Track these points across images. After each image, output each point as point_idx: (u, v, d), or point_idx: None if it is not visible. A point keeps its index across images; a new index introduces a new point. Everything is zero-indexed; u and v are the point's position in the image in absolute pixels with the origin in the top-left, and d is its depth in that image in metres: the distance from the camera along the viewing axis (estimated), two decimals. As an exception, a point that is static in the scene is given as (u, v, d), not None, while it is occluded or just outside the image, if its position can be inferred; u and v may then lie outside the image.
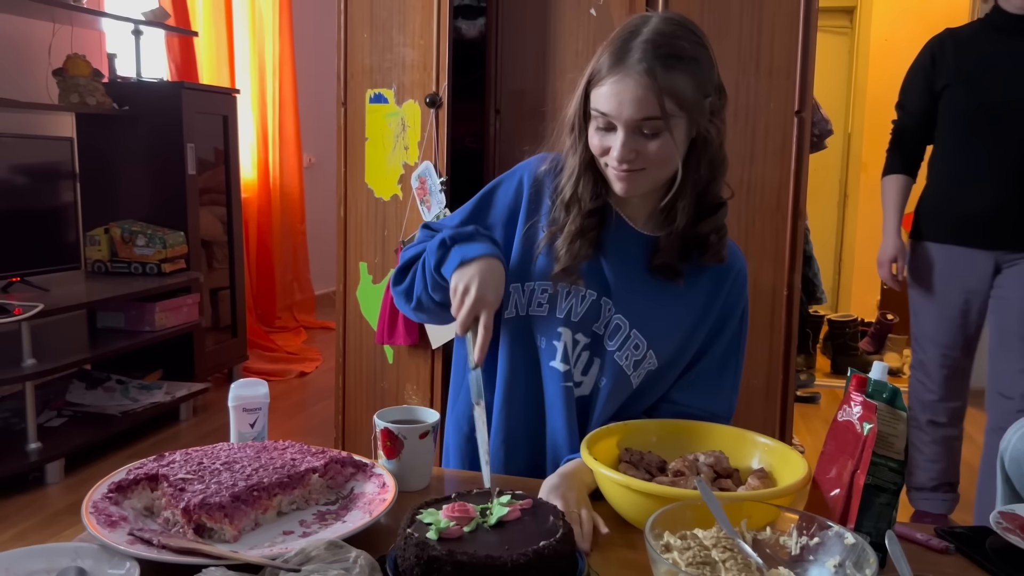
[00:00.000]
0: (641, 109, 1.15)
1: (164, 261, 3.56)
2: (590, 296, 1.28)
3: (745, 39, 2.42)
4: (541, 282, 1.30)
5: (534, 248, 1.31)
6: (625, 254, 1.29)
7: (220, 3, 4.51)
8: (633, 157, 1.18)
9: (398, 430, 1.19)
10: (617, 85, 1.16)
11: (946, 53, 2.50)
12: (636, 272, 1.29)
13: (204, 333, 3.86)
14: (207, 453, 1.15)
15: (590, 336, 1.29)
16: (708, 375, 1.33)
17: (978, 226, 2.47)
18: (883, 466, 1.01)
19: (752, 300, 2.56)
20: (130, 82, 3.75)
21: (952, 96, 2.47)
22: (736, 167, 2.48)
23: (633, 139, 1.17)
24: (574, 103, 1.24)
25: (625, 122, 1.16)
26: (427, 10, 2.51)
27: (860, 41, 5.51)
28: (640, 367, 1.28)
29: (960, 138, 2.49)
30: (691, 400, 1.32)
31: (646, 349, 1.27)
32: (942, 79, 2.48)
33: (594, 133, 1.21)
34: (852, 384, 1.07)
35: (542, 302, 1.30)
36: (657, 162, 1.19)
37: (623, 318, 1.28)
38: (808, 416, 3.89)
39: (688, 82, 1.17)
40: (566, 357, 1.29)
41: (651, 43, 1.16)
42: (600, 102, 1.18)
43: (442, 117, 2.52)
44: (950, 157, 2.52)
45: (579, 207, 1.26)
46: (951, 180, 2.52)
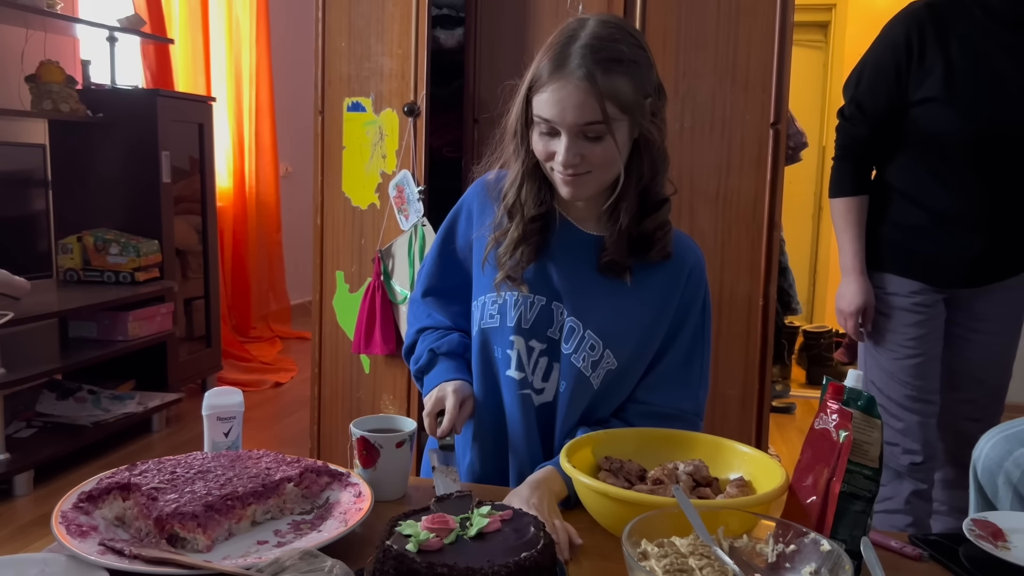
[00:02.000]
0: (583, 114, 1.16)
1: (137, 270, 3.52)
2: (539, 302, 1.29)
3: (722, 52, 2.44)
4: (490, 294, 1.32)
5: (481, 261, 1.33)
6: (573, 257, 1.30)
7: (196, 10, 4.48)
8: (578, 161, 1.19)
9: (374, 439, 1.18)
10: (558, 92, 1.16)
11: (928, 46, 1.88)
12: (585, 273, 1.29)
13: (178, 343, 3.81)
14: (180, 462, 1.13)
15: (546, 342, 1.30)
16: (673, 372, 1.32)
17: (951, 269, 2.01)
18: (858, 474, 1.01)
19: (728, 310, 2.61)
20: (104, 89, 3.72)
21: (935, 113, 1.88)
22: (712, 178, 2.49)
23: (577, 143, 1.18)
24: (515, 110, 1.24)
25: (568, 127, 1.17)
26: (405, 20, 2.52)
27: (834, 55, 5.58)
28: (599, 368, 1.28)
29: (918, 159, 1.97)
30: (657, 398, 1.31)
31: (602, 349, 1.27)
32: (923, 89, 1.88)
33: (538, 139, 1.22)
34: (828, 392, 1.08)
35: (493, 313, 1.31)
36: (601, 165, 1.20)
37: (576, 320, 1.28)
38: (784, 426, 3.92)
39: (628, 84, 1.18)
40: (520, 365, 1.30)
41: (590, 48, 1.16)
42: (542, 108, 1.18)
43: (420, 126, 2.52)
44: (920, 184, 1.98)
45: (522, 213, 1.28)
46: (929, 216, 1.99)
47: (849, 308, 2.08)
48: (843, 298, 2.09)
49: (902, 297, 2.05)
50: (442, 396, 1.30)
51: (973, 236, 1.97)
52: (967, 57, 1.85)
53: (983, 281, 2.04)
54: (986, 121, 1.85)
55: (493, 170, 1.35)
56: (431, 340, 1.40)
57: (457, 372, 1.36)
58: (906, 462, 2.06)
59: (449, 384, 1.32)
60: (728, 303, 2.58)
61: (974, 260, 2.00)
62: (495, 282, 1.30)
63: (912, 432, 2.05)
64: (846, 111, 2.06)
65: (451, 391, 1.30)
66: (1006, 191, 1.94)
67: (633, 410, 1.32)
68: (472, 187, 1.40)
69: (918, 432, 2.06)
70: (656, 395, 1.31)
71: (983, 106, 1.85)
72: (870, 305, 2.07)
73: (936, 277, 2.03)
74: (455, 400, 1.29)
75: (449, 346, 1.39)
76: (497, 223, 1.31)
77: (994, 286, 2.04)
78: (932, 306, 2.05)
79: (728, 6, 2.43)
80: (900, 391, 2.06)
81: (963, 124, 1.86)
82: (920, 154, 1.97)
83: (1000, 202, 1.95)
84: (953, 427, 2.13)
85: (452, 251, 1.40)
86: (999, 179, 1.92)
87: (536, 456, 1.29)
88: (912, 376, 2.05)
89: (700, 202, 2.50)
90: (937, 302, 2.05)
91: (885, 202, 2.06)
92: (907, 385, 2.06)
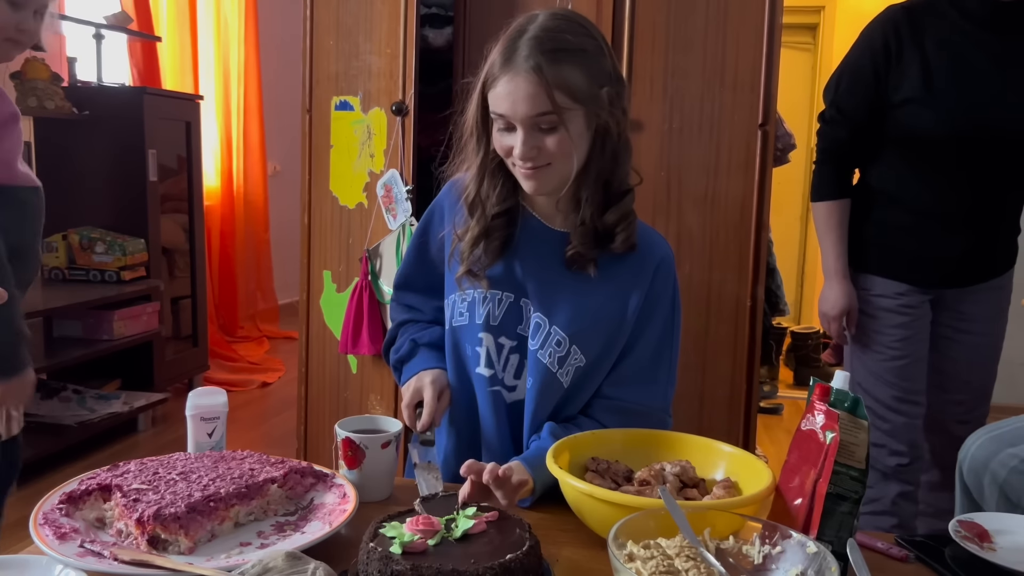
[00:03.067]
0: (534, 105, 1.16)
1: (123, 269, 3.50)
2: (507, 299, 1.30)
3: (710, 53, 2.44)
4: (458, 292, 1.32)
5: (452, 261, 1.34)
6: (539, 253, 1.30)
7: (184, 8, 4.46)
8: (535, 154, 1.19)
9: (359, 439, 1.17)
10: (508, 85, 1.17)
11: (904, 47, 1.88)
12: (551, 269, 1.29)
13: (164, 342, 3.79)
14: (163, 463, 1.12)
15: (515, 339, 1.30)
16: (641, 368, 1.31)
17: (936, 269, 2.01)
18: (844, 475, 1.01)
19: (715, 312, 2.61)
20: (91, 87, 3.69)
21: (915, 114, 1.89)
22: (700, 179, 2.49)
23: (532, 136, 1.18)
24: (471, 107, 1.25)
25: (521, 120, 1.17)
26: (394, 18, 2.50)
27: (823, 57, 5.60)
28: (566, 364, 1.27)
29: (901, 160, 1.97)
30: (624, 394, 1.30)
31: (569, 345, 1.27)
32: (904, 90, 1.89)
33: (497, 135, 1.22)
34: (815, 393, 1.08)
35: (462, 311, 1.32)
36: (559, 156, 1.20)
37: (541, 316, 1.28)
38: (771, 427, 3.93)
39: (578, 74, 1.18)
40: (490, 362, 1.31)
41: (536, 39, 1.17)
42: (496, 104, 1.19)
43: (408, 125, 2.51)
44: (901, 183, 1.98)
45: (483, 209, 1.28)
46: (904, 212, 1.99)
47: (832, 311, 2.08)
48: (826, 301, 2.09)
49: (887, 299, 2.05)
50: (420, 387, 1.31)
51: (956, 235, 1.97)
52: (944, 57, 1.86)
53: (968, 281, 2.04)
54: (964, 119, 1.85)
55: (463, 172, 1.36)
56: (413, 331, 1.41)
57: (437, 362, 1.37)
58: (892, 463, 2.06)
59: (427, 374, 1.33)
60: (716, 304, 2.58)
61: (958, 259, 2.00)
62: (456, 277, 1.31)
63: (898, 433, 2.05)
64: (827, 115, 2.07)
65: (428, 382, 1.31)
66: (987, 189, 1.94)
67: (600, 405, 1.31)
68: (444, 188, 1.40)
69: (904, 433, 2.06)
70: (623, 391, 1.31)
71: (961, 105, 1.85)
72: (853, 308, 2.07)
73: (921, 277, 2.02)
74: (433, 392, 1.29)
75: (431, 337, 1.39)
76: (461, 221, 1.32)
77: (979, 286, 2.04)
78: (917, 307, 2.05)
79: (717, 7, 2.43)
80: (886, 392, 2.06)
81: (941, 123, 1.86)
82: (901, 155, 1.97)
83: (981, 201, 1.95)
84: (940, 429, 2.13)
85: (427, 250, 1.41)
86: (979, 178, 1.92)
87: (508, 452, 1.29)
88: (898, 377, 2.06)
89: (688, 203, 2.50)
90: (923, 303, 2.05)
91: (868, 204, 2.05)
92: (893, 386, 2.06)
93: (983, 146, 1.88)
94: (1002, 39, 1.86)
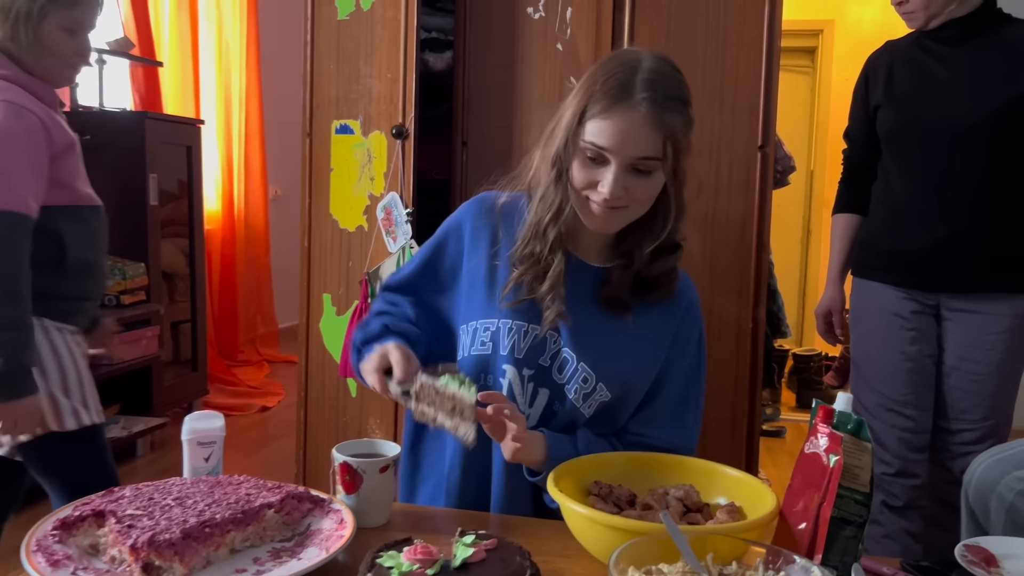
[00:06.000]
0: (641, 147, 1.16)
1: (123, 293, 3.49)
2: (533, 331, 1.27)
3: (710, 76, 2.45)
4: (484, 320, 1.29)
5: (477, 285, 1.30)
6: (573, 287, 1.28)
7: (187, 33, 4.49)
8: (622, 194, 1.18)
9: (357, 464, 1.16)
10: (621, 121, 1.15)
11: (879, 69, 2.15)
12: (584, 305, 1.28)
13: (164, 367, 3.78)
14: (158, 488, 1.11)
15: (534, 368, 1.28)
16: (669, 409, 1.31)
17: (912, 265, 2.07)
18: (849, 498, 1.00)
19: (717, 334, 2.59)
20: (92, 111, 3.71)
21: (882, 116, 2.12)
22: (700, 201, 2.48)
23: (625, 176, 1.17)
24: (560, 136, 1.22)
25: (623, 158, 1.16)
26: (394, 42, 2.52)
27: (821, 80, 5.63)
28: (590, 399, 1.27)
29: (893, 163, 2.12)
30: (654, 432, 1.30)
31: (595, 382, 1.26)
32: (874, 98, 2.15)
33: (579, 167, 1.20)
34: (818, 416, 1.07)
35: (484, 340, 1.28)
36: (642, 201, 1.20)
37: (570, 352, 1.27)
38: (774, 450, 3.90)
39: (681, 125, 1.18)
40: (512, 394, 1.27)
41: (652, 82, 1.16)
42: (598, 135, 1.17)
43: (408, 148, 2.51)
44: (887, 186, 2.14)
45: (556, 233, 1.25)
46: (886, 212, 2.14)
47: (817, 309, 2.35)
48: (819, 302, 2.35)
49: (870, 302, 2.16)
50: (384, 351, 1.20)
51: (923, 227, 2.04)
52: (905, 67, 2.11)
53: (966, 287, 2.03)
54: (916, 111, 2.05)
55: (499, 192, 1.34)
56: (389, 320, 1.33)
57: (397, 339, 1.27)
58: (877, 471, 2.07)
59: (388, 343, 1.22)
60: (717, 327, 2.57)
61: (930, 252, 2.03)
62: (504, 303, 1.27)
63: (879, 440, 2.08)
64: (845, 142, 2.33)
65: (393, 346, 1.20)
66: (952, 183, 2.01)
67: (627, 440, 1.30)
68: (468, 205, 1.36)
69: (886, 442, 2.08)
70: (651, 429, 1.30)
71: (914, 99, 2.07)
72: (835, 309, 2.29)
73: (901, 275, 2.09)
74: (400, 353, 1.19)
75: (404, 329, 1.31)
76: (526, 254, 1.27)
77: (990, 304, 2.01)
78: (907, 316, 2.08)
79: (716, 29, 2.44)
80: (870, 399, 2.13)
81: (898, 115, 2.08)
82: (883, 163, 2.16)
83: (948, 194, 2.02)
84: (939, 459, 2.12)
85: (438, 264, 1.36)
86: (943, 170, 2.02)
87: (523, 484, 1.27)
88: (880, 382, 2.11)
89: (688, 225, 2.47)
90: (919, 312, 2.08)
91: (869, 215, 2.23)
92: (875, 392, 2.12)
93: (936, 139, 2.02)
94: (955, 48, 2.03)
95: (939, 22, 2.02)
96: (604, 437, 1.29)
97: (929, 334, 2.08)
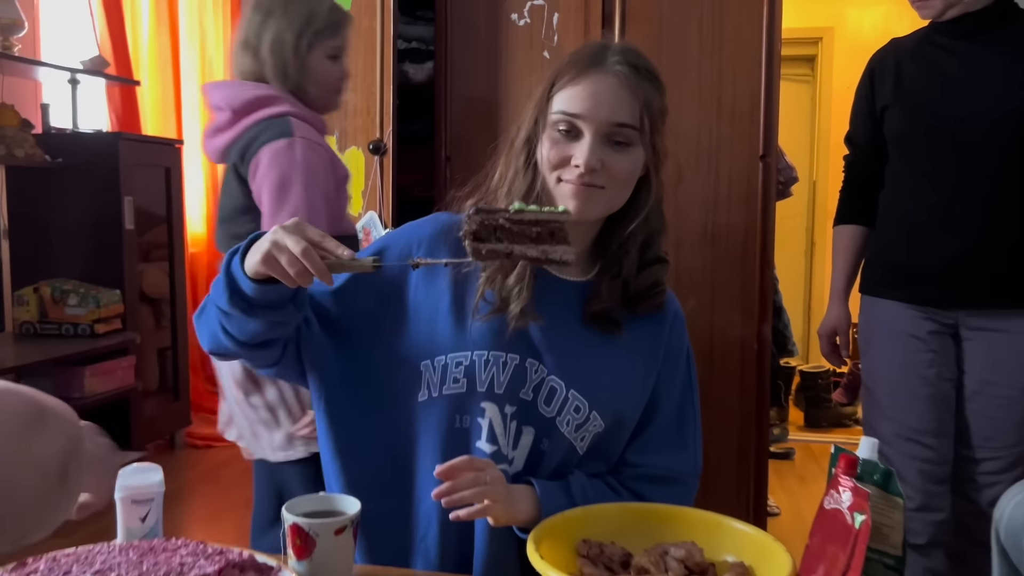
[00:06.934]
0: (618, 112, 1.07)
1: (97, 322, 3.34)
2: (512, 360, 1.11)
3: (705, 82, 2.33)
4: (455, 354, 1.12)
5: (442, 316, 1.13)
6: (552, 305, 1.13)
7: (166, 51, 4.36)
8: (599, 167, 1.06)
9: (309, 525, 1.00)
10: (594, 84, 1.07)
11: (885, 68, 1.98)
12: (566, 325, 1.13)
13: (143, 398, 3.62)
14: (79, 558, 0.96)
15: (516, 404, 1.12)
16: (667, 432, 1.18)
17: (927, 280, 1.90)
18: (877, 562, 0.86)
19: (720, 355, 2.45)
20: (65, 133, 3.57)
21: (891, 118, 1.94)
22: (699, 215, 2.36)
23: (600, 148, 1.06)
24: (528, 118, 1.12)
25: (598, 124, 1.06)
26: (370, 53, 2.38)
27: (822, 88, 5.51)
28: (583, 430, 1.12)
29: (903, 169, 1.95)
30: (654, 460, 1.17)
31: (588, 411, 1.12)
32: (881, 99, 1.97)
33: (550, 145, 1.09)
34: (839, 466, 0.91)
35: (458, 377, 1.12)
36: (618, 182, 1.08)
37: (557, 379, 1.12)
38: (783, 474, 3.73)
39: (658, 102, 1.10)
40: (493, 436, 1.11)
41: (626, 51, 1.10)
42: (570, 103, 1.07)
43: (387, 165, 2.38)
44: (897, 194, 1.97)
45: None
46: (897, 223, 1.96)
47: (821, 330, 2.13)
48: (822, 321, 2.13)
49: (892, 322, 1.95)
50: (297, 224, 0.97)
51: (937, 238, 1.87)
52: (914, 65, 1.94)
53: (986, 302, 1.87)
54: (928, 112, 1.88)
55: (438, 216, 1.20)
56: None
57: None
58: None
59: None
60: (720, 347, 2.43)
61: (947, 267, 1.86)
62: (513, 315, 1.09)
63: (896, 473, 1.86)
64: (847, 148, 2.14)
65: (292, 221, 0.98)
66: (968, 191, 1.85)
67: (628, 473, 1.17)
68: (421, 225, 1.19)
69: (904, 473, 1.88)
70: (651, 457, 1.17)
71: (925, 99, 1.89)
72: (841, 329, 2.09)
73: (916, 291, 1.91)
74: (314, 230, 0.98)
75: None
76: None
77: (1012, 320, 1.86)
78: (924, 337, 1.90)
79: (711, 33, 2.33)
80: (886, 427, 1.94)
81: (912, 120, 1.91)
82: (891, 168, 1.98)
83: (964, 204, 1.85)
84: (960, 491, 1.96)
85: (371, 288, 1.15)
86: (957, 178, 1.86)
87: (507, 542, 1.10)
88: (896, 409, 1.93)
89: (687, 240, 2.37)
90: (937, 333, 1.90)
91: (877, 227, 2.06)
92: (891, 420, 1.93)
93: (952, 141, 1.85)
94: (970, 43, 1.87)
95: (956, 13, 1.86)
96: (600, 478, 1.15)
97: (948, 355, 1.92)
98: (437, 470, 1.02)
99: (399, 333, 1.15)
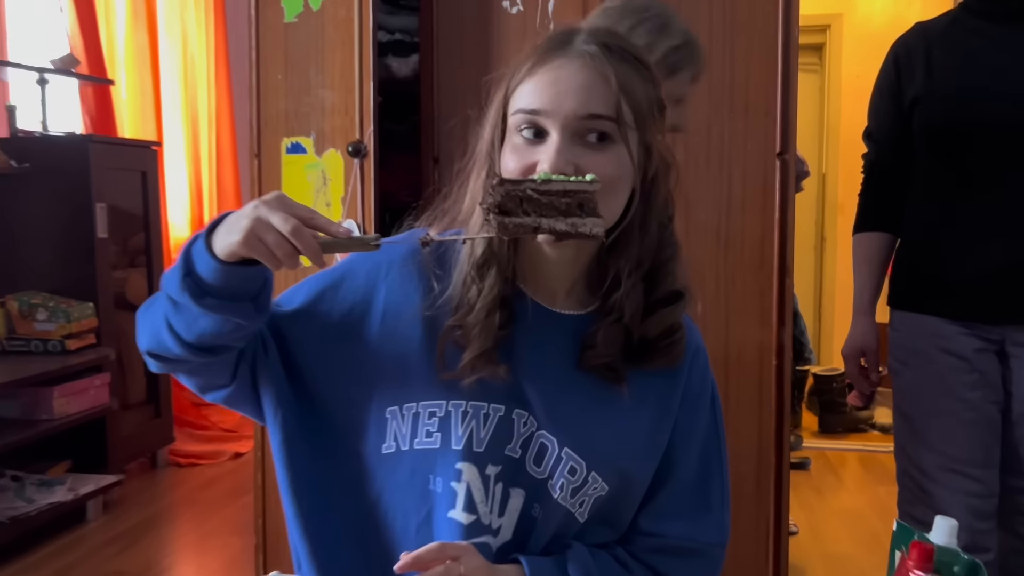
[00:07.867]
0: (588, 101, 0.85)
1: (68, 337, 3.13)
2: (495, 412, 0.91)
3: (716, 73, 2.13)
4: (427, 402, 0.92)
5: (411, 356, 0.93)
6: (541, 345, 0.93)
7: (144, 49, 4.15)
8: (569, 171, 0.84)
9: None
10: (556, 71, 0.86)
11: (913, 56, 1.77)
12: (559, 368, 0.93)
13: (120, 415, 3.42)
14: None
15: (501, 462, 0.92)
16: (687, 493, 0.98)
17: (972, 292, 1.71)
18: None
19: (736, 370, 2.24)
20: (32, 136, 3.36)
21: (923, 113, 1.74)
22: (711, 217, 2.17)
23: (570, 148, 0.85)
24: (488, 128, 0.92)
25: (565, 119, 0.85)
26: (347, 46, 2.17)
27: (831, 78, 5.30)
28: (580, 495, 0.93)
29: (939, 168, 1.76)
30: (672, 529, 0.97)
31: (586, 472, 0.92)
32: (911, 90, 1.77)
33: (510, 153, 0.88)
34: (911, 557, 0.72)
35: (431, 430, 0.92)
36: (603, 183, 0.84)
37: (548, 435, 0.92)
38: (798, 485, 3.52)
39: (642, 87, 0.87)
40: (471, 504, 0.91)
41: (598, 32, 0.89)
42: (529, 98, 0.86)
43: (368, 168, 2.16)
44: (930, 196, 1.78)
45: (498, 268, 0.91)
46: (934, 228, 1.76)
47: (845, 350, 1.93)
48: (846, 340, 1.93)
49: (932, 340, 1.74)
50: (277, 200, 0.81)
51: (988, 245, 1.67)
52: (946, 52, 1.74)
53: None
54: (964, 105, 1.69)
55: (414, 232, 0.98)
56: None
57: None
58: None
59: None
60: (736, 359, 2.24)
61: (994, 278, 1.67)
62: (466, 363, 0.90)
63: (939, 509, 1.63)
64: (865, 145, 1.94)
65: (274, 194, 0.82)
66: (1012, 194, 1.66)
67: (641, 544, 0.97)
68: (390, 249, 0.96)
69: (946, 509, 1.66)
70: (668, 525, 0.98)
71: (961, 91, 1.70)
72: (869, 349, 1.88)
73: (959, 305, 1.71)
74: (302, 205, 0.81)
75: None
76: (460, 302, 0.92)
77: None
78: (968, 356, 1.70)
79: (722, 21, 2.14)
80: (929, 459, 1.73)
81: (951, 115, 1.71)
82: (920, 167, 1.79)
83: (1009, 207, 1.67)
84: (1009, 525, 1.75)
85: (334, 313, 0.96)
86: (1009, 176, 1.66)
87: None
88: (938, 438, 1.72)
89: (698, 244, 2.17)
90: (982, 352, 1.70)
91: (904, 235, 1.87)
92: (933, 451, 1.72)
93: (998, 137, 1.66)
94: (1009, 28, 1.69)
95: None
96: (607, 550, 0.96)
97: (993, 376, 1.71)
98: (401, 562, 0.82)
99: (361, 372, 0.95)
